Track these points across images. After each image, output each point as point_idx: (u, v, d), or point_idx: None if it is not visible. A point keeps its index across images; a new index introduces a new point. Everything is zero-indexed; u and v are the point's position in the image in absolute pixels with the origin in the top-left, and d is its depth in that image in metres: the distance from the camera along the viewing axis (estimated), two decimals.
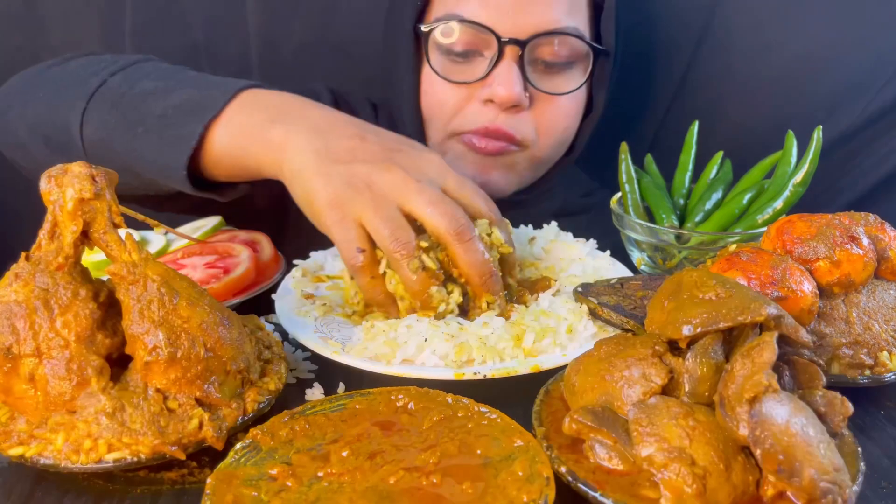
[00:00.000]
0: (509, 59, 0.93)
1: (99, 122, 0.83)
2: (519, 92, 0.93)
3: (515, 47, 0.93)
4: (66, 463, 0.51)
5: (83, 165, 0.56)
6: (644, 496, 0.46)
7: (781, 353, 0.53)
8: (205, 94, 0.80)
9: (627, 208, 0.95)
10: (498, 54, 0.93)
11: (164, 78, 0.85)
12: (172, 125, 0.79)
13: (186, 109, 0.80)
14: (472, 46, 0.95)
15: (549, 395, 0.58)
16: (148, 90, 0.83)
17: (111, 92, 0.84)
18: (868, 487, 0.53)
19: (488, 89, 0.94)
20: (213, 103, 0.79)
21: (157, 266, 0.56)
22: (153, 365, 0.54)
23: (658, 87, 1.24)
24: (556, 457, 0.50)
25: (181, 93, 0.81)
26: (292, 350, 0.73)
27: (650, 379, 0.51)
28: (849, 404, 0.51)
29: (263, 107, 0.79)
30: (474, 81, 0.96)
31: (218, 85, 0.82)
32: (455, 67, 0.98)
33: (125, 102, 0.82)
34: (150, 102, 0.81)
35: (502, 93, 0.92)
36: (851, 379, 0.61)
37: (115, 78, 0.85)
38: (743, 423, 0.46)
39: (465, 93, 0.98)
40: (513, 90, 0.92)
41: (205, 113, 0.78)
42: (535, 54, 0.95)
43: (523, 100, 0.95)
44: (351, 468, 0.48)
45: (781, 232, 0.65)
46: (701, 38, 1.18)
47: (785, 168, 0.89)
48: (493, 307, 0.73)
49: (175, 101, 0.81)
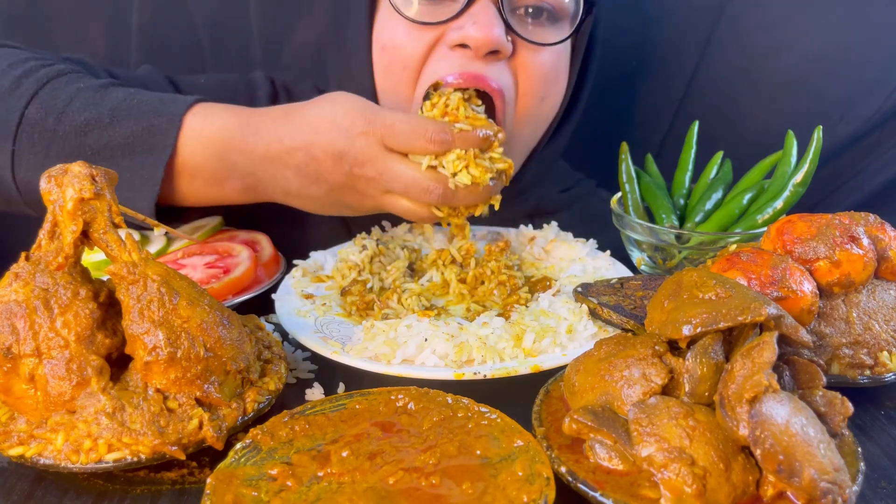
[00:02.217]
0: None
1: (37, 166, 0.76)
2: (499, 34, 0.80)
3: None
4: (66, 463, 0.51)
5: (83, 165, 0.56)
6: (644, 496, 0.46)
7: (781, 353, 0.53)
8: (146, 128, 0.77)
9: (627, 208, 0.95)
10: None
11: (90, 105, 0.78)
12: (128, 167, 0.76)
13: (137, 149, 0.77)
14: None
15: (549, 395, 0.58)
16: (79, 124, 0.77)
17: (35, 129, 0.77)
18: (868, 487, 0.53)
19: (459, 32, 0.81)
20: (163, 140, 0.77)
21: (157, 266, 0.56)
22: (153, 365, 0.54)
23: (666, 88, 1.23)
24: (556, 457, 0.50)
25: (120, 127, 0.77)
26: (292, 350, 0.73)
27: (650, 379, 0.51)
28: (849, 404, 0.51)
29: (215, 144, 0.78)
30: (444, 21, 0.82)
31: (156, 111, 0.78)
32: (420, 9, 0.84)
33: (59, 141, 0.77)
34: (89, 142, 0.77)
35: (476, 33, 0.79)
36: (851, 379, 0.61)
37: (32, 109, 0.77)
38: (743, 423, 0.45)
39: (431, 38, 0.84)
40: (491, 31, 0.79)
41: (158, 153, 0.76)
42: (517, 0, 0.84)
43: (504, 43, 0.81)
44: (351, 468, 0.48)
45: (781, 232, 0.65)
46: (709, 39, 1.17)
47: (785, 168, 0.89)
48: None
49: (118, 138, 0.77)
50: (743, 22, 1.16)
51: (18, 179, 0.78)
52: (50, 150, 0.77)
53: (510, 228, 0.97)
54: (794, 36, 1.15)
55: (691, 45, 1.19)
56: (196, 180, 0.81)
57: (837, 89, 1.15)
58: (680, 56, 1.20)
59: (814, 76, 1.15)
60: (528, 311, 0.74)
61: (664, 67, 1.22)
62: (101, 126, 0.77)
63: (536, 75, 0.87)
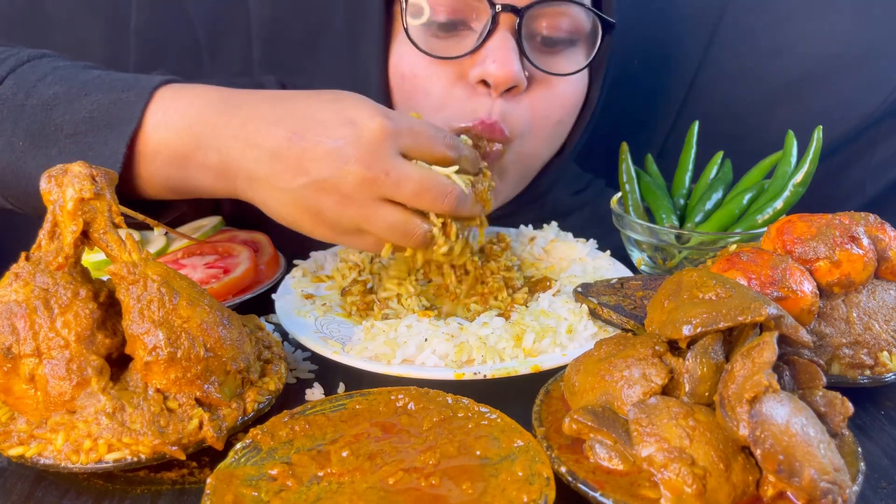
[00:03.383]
0: (504, 29, 0.79)
1: (4, 145, 0.72)
2: (517, 70, 0.79)
3: (511, 16, 0.78)
4: (66, 463, 0.51)
5: (83, 165, 0.56)
6: (644, 496, 0.46)
7: (781, 353, 0.53)
8: (113, 101, 0.70)
9: (627, 208, 0.95)
10: (491, 24, 0.78)
11: (63, 80, 0.73)
12: (90, 144, 0.69)
13: (100, 123, 0.69)
14: (459, 15, 0.81)
15: (549, 395, 0.58)
16: (47, 99, 0.71)
17: (6, 105, 0.72)
18: (868, 487, 0.53)
19: (479, 68, 0.80)
20: (128, 113, 0.69)
21: (157, 266, 0.56)
22: (153, 365, 0.54)
23: (668, 89, 1.23)
24: (556, 457, 0.50)
25: (86, 101, 0.71)
26: (292, 350, 0.73)
27: (650, 379, 0.51)
28: (849, 404, 0.51)
29: (185, 118, 0.69)
30: (462, 56, 0.81)
31: (128, 86, 0.71)
32: (438, 43, 0.82)
33: (26, 118, 0.71)
34: (54, 116, 0.71)
35: (497, 71, 0.78)
36: (851, 379, 0.61)
37: (6, 85, 0.73)
38: (743, 423, 0.45)
39: (452, 73, 0.82)
40: (511, 67, 0.78)
41: (122, 128, 0.69)
42: (534, 27, 0.82)
43: (521, 79, 0.80)
44: (351, 468, 0.48)
45: (781, 232, 0.65)
46: (712, 39, 1.17)
47: (785, 168, 0.89)
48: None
49: (83, 112, 0.70)
50: (746, 22, 1.16)
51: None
52: (17, 126, 0.71)
53: (510, 228, 0.97)
54: (797, 36, 1.15)
55: (694, 45, 1.19)
56: (156, 160, 0.71)
57: (839, 89, 1.15)
58: (683, 56, 1.20)
59: (816, 76, 1.15)
60: (528, 311, 0.74)
61: (667, 67, 1.21)
62: (68, 100, 0.71)
63: (552, 106, 0.86)
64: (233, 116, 0.68)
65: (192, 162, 0.70)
